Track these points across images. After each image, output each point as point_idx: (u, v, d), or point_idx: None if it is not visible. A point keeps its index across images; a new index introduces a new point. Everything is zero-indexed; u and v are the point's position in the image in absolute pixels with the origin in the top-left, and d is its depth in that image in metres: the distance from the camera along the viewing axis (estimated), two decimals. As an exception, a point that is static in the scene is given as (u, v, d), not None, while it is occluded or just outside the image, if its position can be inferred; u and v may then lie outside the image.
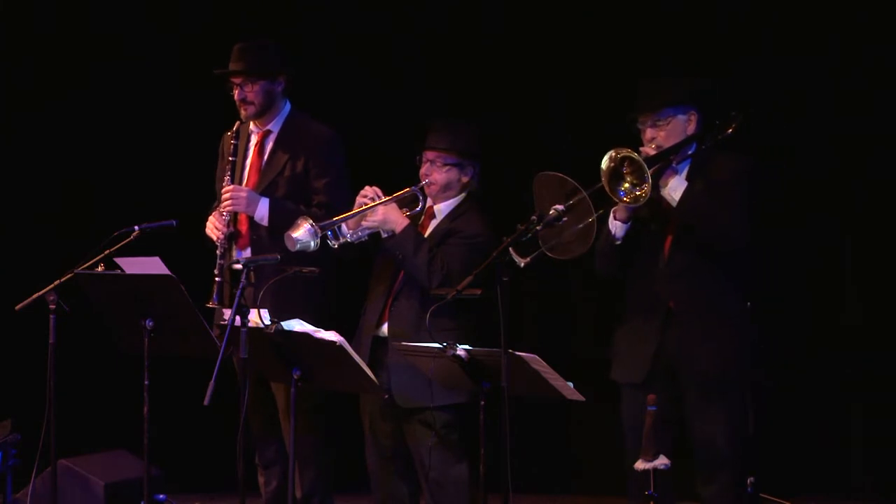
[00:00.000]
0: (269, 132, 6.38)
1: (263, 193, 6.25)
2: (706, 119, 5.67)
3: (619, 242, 5.59)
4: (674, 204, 5.53)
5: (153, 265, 5.87)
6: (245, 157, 6.39)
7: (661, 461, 5.26)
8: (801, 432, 7.69)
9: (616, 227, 5.58)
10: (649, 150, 5.55)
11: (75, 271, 5.95)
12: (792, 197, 7.69)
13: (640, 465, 5.29)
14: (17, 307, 6.17)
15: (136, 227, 6.13)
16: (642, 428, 5.45)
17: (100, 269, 5.94)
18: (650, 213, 5.60)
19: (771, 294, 7.39)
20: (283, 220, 6.03)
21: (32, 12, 8.29)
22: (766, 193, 5.96)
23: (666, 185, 5.53)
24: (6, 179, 8.20)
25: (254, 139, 6.40)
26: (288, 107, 6.39)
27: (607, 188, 5.38)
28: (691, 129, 5.64)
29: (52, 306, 6.06)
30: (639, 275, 5.66)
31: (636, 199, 5.39)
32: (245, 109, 6.30)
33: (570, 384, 5.25)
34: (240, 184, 6.34)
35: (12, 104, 8.24)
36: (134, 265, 5.92)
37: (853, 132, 7.66)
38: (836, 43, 7.66)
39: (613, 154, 5.39)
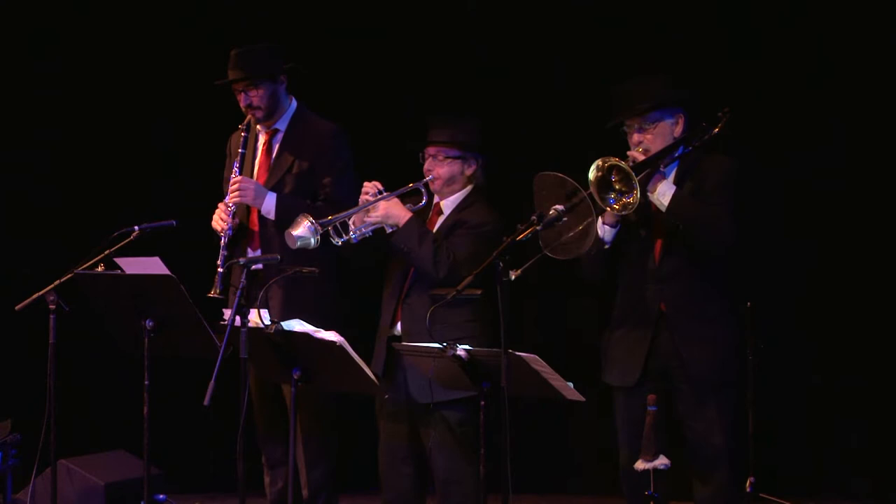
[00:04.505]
0: (276, 131, 6.37)
1: (271, 191, 6.24)
2: (692, 120, 5.65)
3: (607, 246, 5.58)
4: (663, 209, 5.50)
5: (153, 265, 5.87)
6: (254, 156, 6.39)
7: (661, 461, 5.26)
8: (801, 432, 7.69)
9: (605, 230, 5.56)
10: (637, 154, 5.51)
11: (75, 271, 5.95)
12: (791, 197, 7.69)
13: (640, 465, 5.29)
14: (17, 307, 6.17)
15: (136, 227, 6.12)
16: (637, 430, 5.47)
17: (100, 269, 5.94)
18: (639, 218, 5.59)
19: (771, 294, 7.41)
20: (289, 214, 5.97)
21: (32, 12, 8.29)
22: (756, 194, 5.94)
23: (654, 190, 5.50)
24: (6, 179, 8.20)
25: (262, 138, 6.40)
26: (294, 104, 6.39)
27: (597, 198, 5.36)
28: (678, 131, 5.61)
29: (52, 306, 6.06)
30: (629, 279, 5.65)
31: (626, 206, 5.37)
32: (253, 114, 6.29)
33: (570, 384, 5.24)
34: None
35: (12, 104, 8.24)
36: (134, 265, 5.91)
37: (852, 132, 7.66)
38: (835, 43, 7.66)
39: (600, 163, 5.36)
